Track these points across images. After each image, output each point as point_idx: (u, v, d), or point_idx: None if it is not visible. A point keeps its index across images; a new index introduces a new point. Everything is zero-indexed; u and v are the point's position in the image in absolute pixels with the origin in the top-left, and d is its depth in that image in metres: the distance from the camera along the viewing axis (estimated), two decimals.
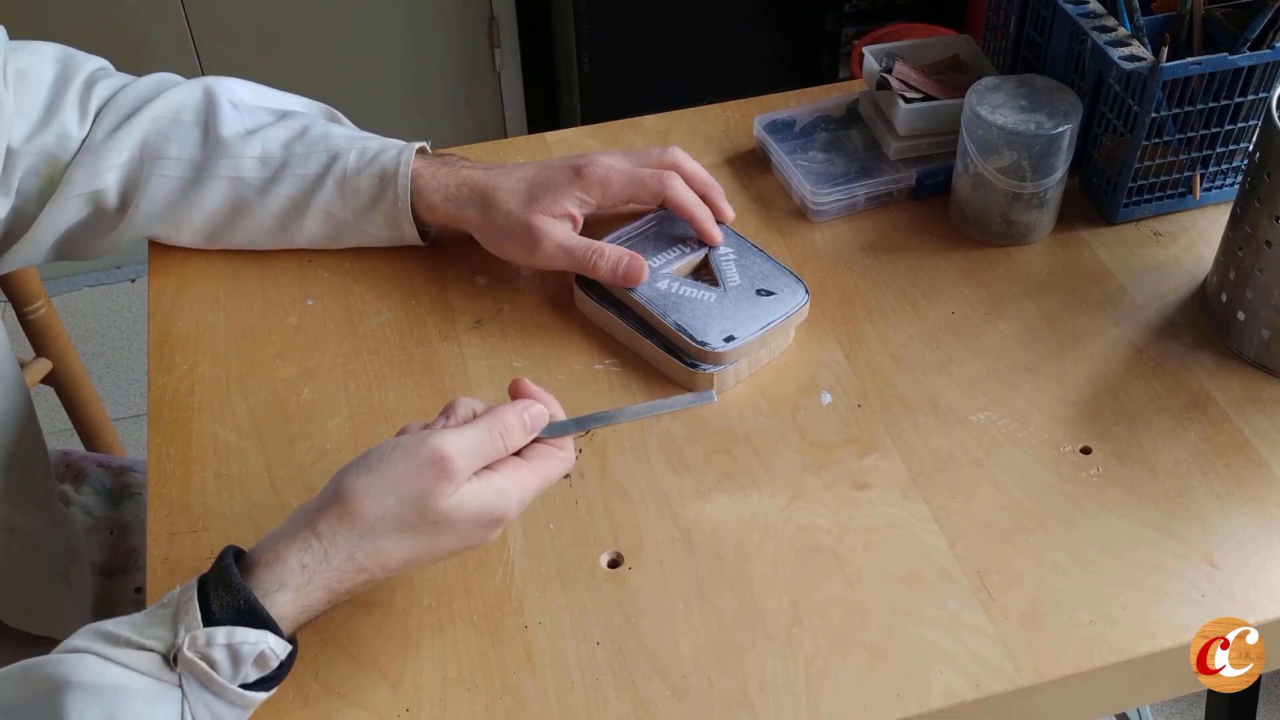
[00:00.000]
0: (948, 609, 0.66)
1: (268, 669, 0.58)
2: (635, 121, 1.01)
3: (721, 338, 0.77)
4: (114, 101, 0.83)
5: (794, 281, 0.82)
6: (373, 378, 0.80)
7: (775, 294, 0.81)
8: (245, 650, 0.57)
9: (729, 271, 0.83)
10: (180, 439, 0.77)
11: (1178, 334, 0.82)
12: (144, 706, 0.55)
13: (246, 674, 0.57)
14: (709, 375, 0.77)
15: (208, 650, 0.56)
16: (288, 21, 1.95)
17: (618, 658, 0.65)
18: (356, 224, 0.84)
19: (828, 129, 0.96)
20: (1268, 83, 0.84)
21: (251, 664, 0.57)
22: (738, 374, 0.79)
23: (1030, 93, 0.85)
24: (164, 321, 0.85)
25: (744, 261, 0.83)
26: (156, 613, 0.58)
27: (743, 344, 0.77)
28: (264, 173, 0.82)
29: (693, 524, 0.71)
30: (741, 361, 0.78)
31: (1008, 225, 0.88)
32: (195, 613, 0.57)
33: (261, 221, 0.84)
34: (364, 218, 0.83)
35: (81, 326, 2.07)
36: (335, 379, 0.80)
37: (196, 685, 0.56)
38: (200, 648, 0.56)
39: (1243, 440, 0.75)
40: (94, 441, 1.30)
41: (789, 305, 0.80)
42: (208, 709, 0.57)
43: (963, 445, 0.75)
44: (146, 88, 0.84)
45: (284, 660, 0.59)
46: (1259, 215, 0.76)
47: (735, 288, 0.81)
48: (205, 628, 0.56)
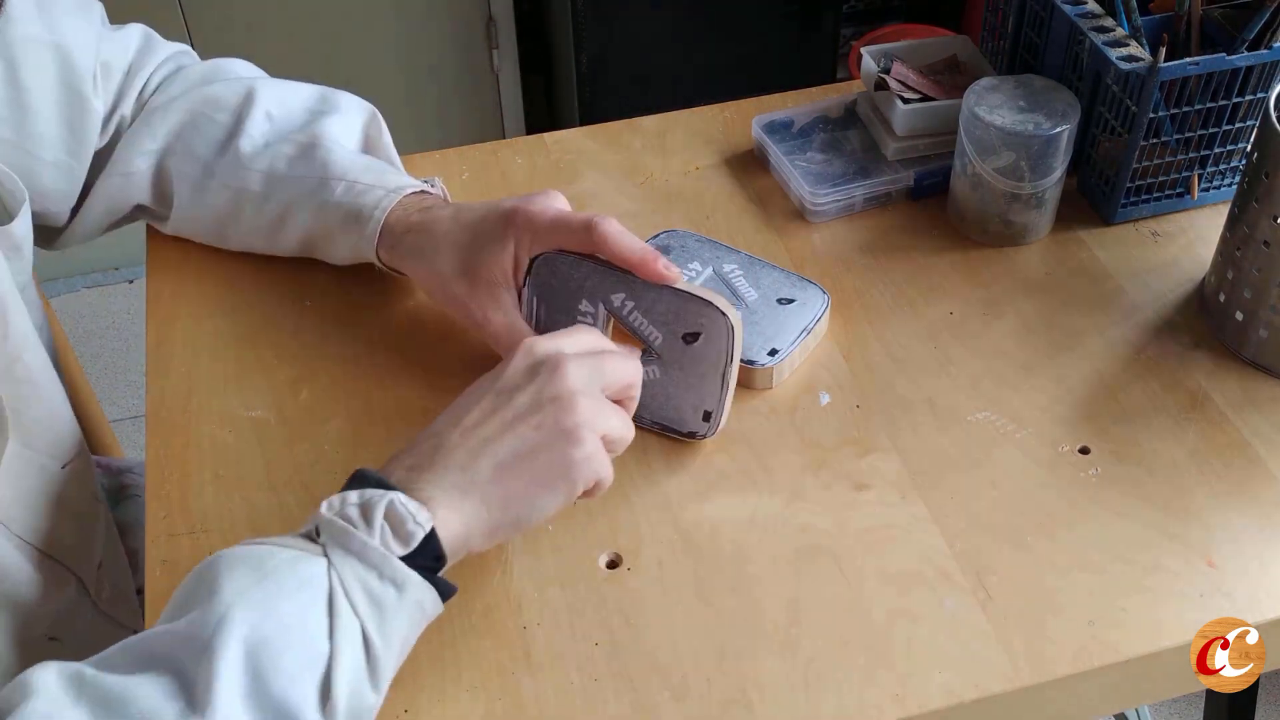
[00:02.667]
0: (947, 609, 0.66)
1: (410, 541, 0.57)
2: (633, 122, 1.01)
3: (766, 352, 0.78)
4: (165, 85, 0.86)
5: (808, 284, 0.83)
6: (371, 379, 0.80)
7: (796, 300, 0.81)
8: (375, 502, 0.57)
9: (743, 287, 0.82)
10: (178, 440, 0.77)
11: (1176, 334, 0.82)
12: (289, 563, 0.55)
13: (386, 537, 0.57)
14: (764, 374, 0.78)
15: (343, 509, 0.57)
16: (286, 22, 1.95)
17: (617, 658, 0.65)
18: (329, 251, 0.84)
19: (826, 130, 0.96)
20: (1266, 83, 0.84)
21: (387, 525, 0.57)
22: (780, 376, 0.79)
23: (1028, 93, 0.85)
24: (162, 323, 0.85)
25: (753, 274, 0.83)
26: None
27: (786, 355, 0.78)
28: (264, 188, 0.83)
29: (691, 524, 0.71)
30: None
31: (1006, 225, 0.88)
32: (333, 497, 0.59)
33: (255, 225, 0.84)
34: (335, 245, 0.82)
35: (79, 328, 2.07)
36: (333, 380, 0.80)
37: (340, 551, 0.56)
38: (336, 510, 0.57)
39: (1241, 440, 0.75)
40: (92, 442, 1.30)
41: (816, 308, 0.81)
42: (356, 577, 0.56)
43: (961, 445, 0.75)
44: (201, 74, 0.87)
45: (429, 535, 0.58)
46: (1257, 215, 0.76)
47: (755, 301, 0.81)
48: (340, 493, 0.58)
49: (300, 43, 1.97)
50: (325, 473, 0.74)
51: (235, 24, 1.93)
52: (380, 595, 0.56)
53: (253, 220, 0.84)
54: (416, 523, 0.57)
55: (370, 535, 0.57)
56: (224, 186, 0.83)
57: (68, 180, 0.82)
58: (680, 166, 0.96)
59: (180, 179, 0.84)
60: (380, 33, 2.00)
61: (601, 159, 0.97)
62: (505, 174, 0.96)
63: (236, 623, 0.53)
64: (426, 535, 0.58)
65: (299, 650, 0.54)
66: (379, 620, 0.56)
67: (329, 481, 0.74)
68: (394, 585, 0.57)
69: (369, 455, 0.75)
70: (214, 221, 0.85)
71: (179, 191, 0.84)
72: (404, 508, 0.57)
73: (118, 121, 0.84)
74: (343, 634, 0.55)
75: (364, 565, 0.56)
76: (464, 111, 2.15)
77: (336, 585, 0.56)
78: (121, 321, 2.10)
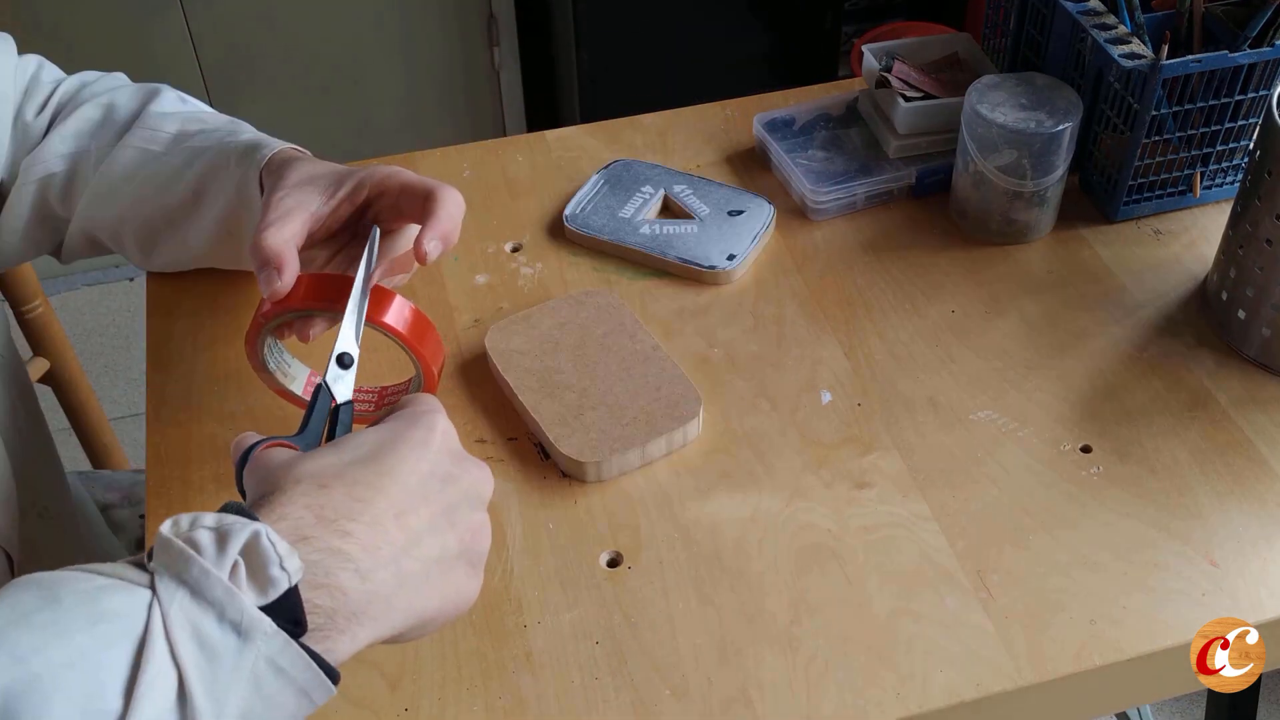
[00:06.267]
0: (948, 608, 0.66)
1: (269, 589, 0.43)
2: (634, 120, 1.01)
3: (725, 257, 0.86)
4: (75, 97, 0.83)
5: (754, 197, 0.91)
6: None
7: (745, 211, 0.90)
8: (234, 531, 0.44)
9: (695, 204, 0.90)
10: (178, 439, 0.76)
11: (1178, 332, 0.82)
12: (91, 592, 0.42)
13: (239, 574, 0.43)
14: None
15: (191, 531, 0.44)
16: (286, 21, 1.95)
17: (617, 657, 0.65)
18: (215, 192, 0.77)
19: (827, 127, 0.96)
20: (1268, 80, 0.84)
21: (243, 561, 0.44)
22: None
23: (1030, 91, 0.85)
24: (162, 321, 0.84)
25: (702, 192, 0.91)
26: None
27: (741, 259, 0.86)
28: (173, 141, 0.79)
29: (692, 523, 0.71)
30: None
31: (1008, 224, 0.88)
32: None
33: (155, 174, 0.79)
34: (225, 179, 0.77)
35: (79, 326, 2.07)
36: None
37: (171, 581, 0.43)
38: (184, 530, 0.44)
39: (1243, 439, 0.75)
40: (91, 441, 1.30)
41: (764, 216, 0.89)
42: (185, 615, 0.42)
43: (963, 444, 0.75)
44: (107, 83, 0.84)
45: (294, 588, 0.44)
46: (1259, 213, 0.76)
47: (707, 215, 0.89)
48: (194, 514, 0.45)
49: (301, 41, 1.97)
50: None
51: (235, 24, 1.92)
52: (215, 642, 0.42)
53: (154, 171, 0.79)
54: (282, 568, 0.44)
55: (217, 566, 0.43)
56: (131, 147, 0.80)
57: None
58: (681, 164, 0.96)
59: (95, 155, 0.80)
60: (381, 31, 2.00)
61: (603, 156, 0.97)
62: (506, 171, 0.96)
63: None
64: (288, 590, 0.44)
65: (76, 701, 0.40)
66: (208, 674, 0.42)
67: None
68: (236, 632, 0.43)
69: None
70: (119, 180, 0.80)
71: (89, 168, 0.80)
72: (270, 545, 0.44)
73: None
74: (148, 686, 0.41)
75: (199, 601, 0.43)
76: (465, 109, 2.15)
77: (155, 623, 0.42)
78: (122, 320, 2.09)
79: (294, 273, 0.65)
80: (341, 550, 0.47)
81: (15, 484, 0.77)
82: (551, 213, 0.92)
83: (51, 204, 0.81)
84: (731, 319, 0.83)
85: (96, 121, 0.81)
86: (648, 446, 0.73)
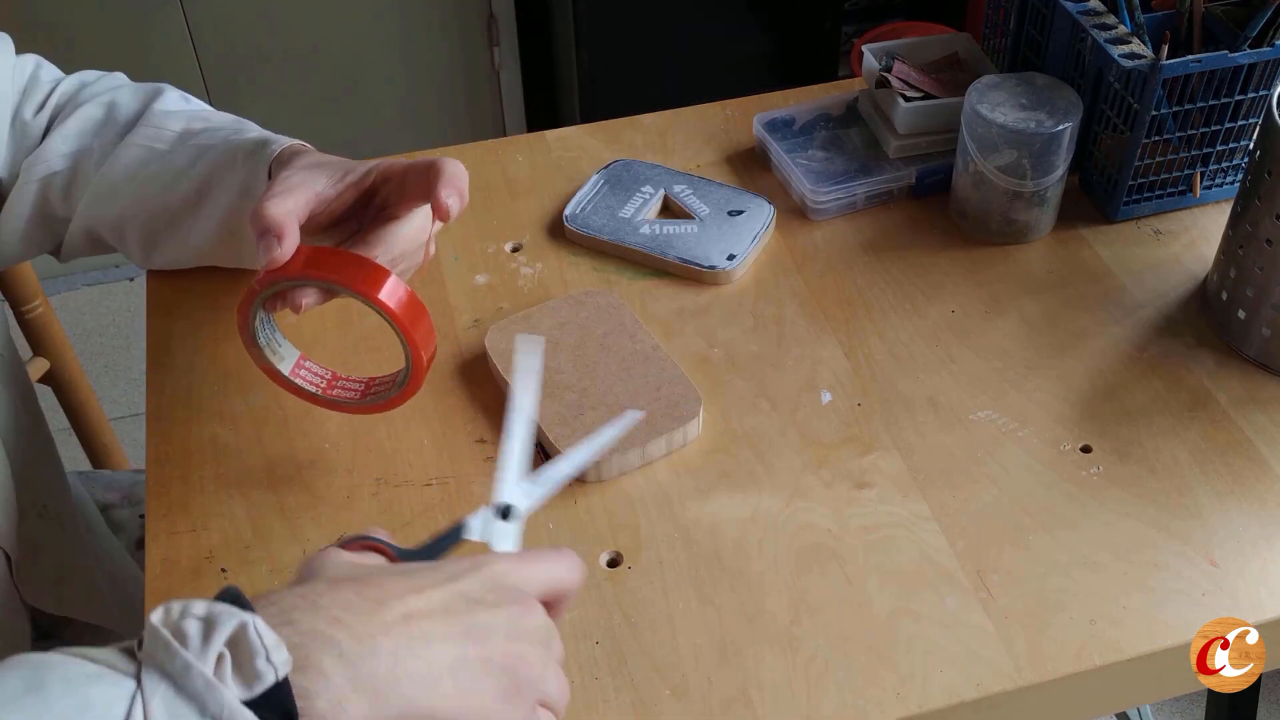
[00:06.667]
0: (948, 608, 0.66)
1: (255, 683, 0.43)
2: (634, 120, 1.01)
3: (725, 257, 0.86)
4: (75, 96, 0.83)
5: (754, 197, 0.90)
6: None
7: (745, 211, 0.89)
8: (221, 621, 0.43)
9: (694, 204, 0.90)
10: (178, 438, 0.76)
11: (1178, 332, 0.82)
12: (76, 680, 0.42)
13: (224, 667, 0.43)
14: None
15: (181, 621, 0.43)
16: (286, 21, 1.95)
17: (617, 657, 0.65)
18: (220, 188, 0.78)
19: (827, 127, 0.96)
20: (1268, 80, 0.84)
21: (229, 653, 0.43)
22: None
23: (1030, 91, 0.85)
24: (162, 320, 0.84)
25: (702, 192, 0.91)
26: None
27: (741, 259, 0.85)
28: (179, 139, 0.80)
29: (692, 523, 0.71)
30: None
31: (1008, 224, 0.88)
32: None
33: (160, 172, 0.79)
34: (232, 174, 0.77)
35: (79, 325, 2.07)
36: None
37: (155, 673, 0.42)
38: (174, 620, 0.43)
39: (1244, 439, 0.75)
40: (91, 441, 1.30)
41: (764, 216, 0.89)
42: (166, 709, 0.42)
43: (963, 444, 0.75)
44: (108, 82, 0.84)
45: (284, 680, 0.43)
46: (1259, 213, 0.76)
47: (707, 215, 0.89)
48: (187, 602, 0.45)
49: (301, 41, 1.97)
50: (324, 472, 0.74)
51: (235, 24, 1.92)
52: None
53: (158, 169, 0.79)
54: (269, 661, 0.43)
55: (201, 659, 0.42)
56: (136, 146, 0.80)
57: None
58: (681, 164, 0.96)
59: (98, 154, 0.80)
60: (381, 31, 2.00)
61: (603, 156, 0.97)
62: (506, 171, 0.96)
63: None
64: (277, 683, 0.43)
65: None
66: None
67: (329, 480, 0.74)
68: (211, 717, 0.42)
69: (369, 454, 0.75)
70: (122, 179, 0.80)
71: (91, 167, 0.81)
72: (258, 637, 0.43)
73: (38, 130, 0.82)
74: None
75: (181, 696, 0.42)
76: (465, 109, 2.15)
77: (136, 716, 0.41)
78: (122, 319, 2.09)
79: (294, 242, 0.66)
80: (327, 635, 0.45)
81: (15, 484, 0.77)
82: (551, 213, 0.92)
83: (52, 203, 0.81)
84: (731, 319, 0.83)
85: (99, 120, 0.81)
86: (648, 446, 0.73)
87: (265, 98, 2.01)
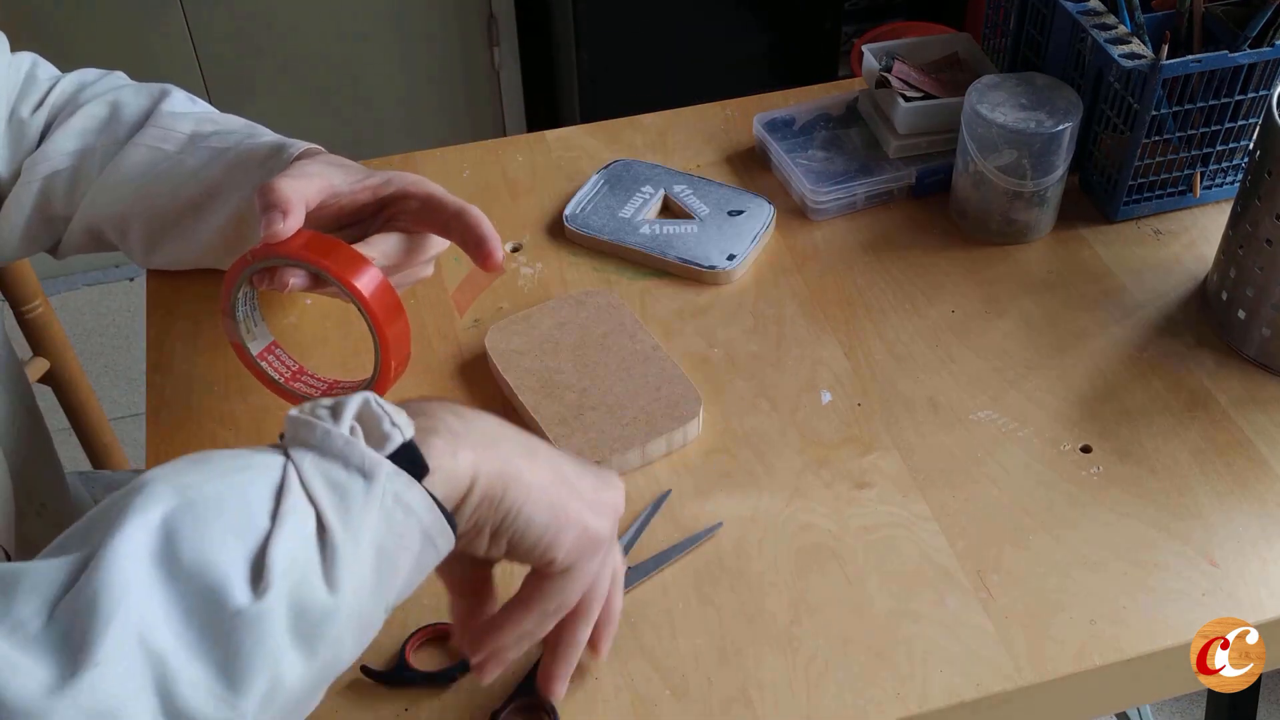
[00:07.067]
0: (948, 608, 0.66)
1: (384, 445, 0.49)
2: (634, 120, 1.01)
3: (725, 257, 0.86)
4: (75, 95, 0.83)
5: (754, 197, 0.91)
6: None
7: (745, 211, 0.89)
8: (347, 401, 0.50)
9: (694, 204, 0.90)
10: (179, 438, 0.76)
11: (1178, 332, 0.82)
12: (235, 454, 0.48)
13: (356, 433, 0.49)
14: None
15: (313, 410, 0.50)
16: (286, 21, 1.95)
17: (617, 657, 0.65)
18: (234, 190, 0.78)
19: (827, 127, 0.96)
20: (1268, 80, 0.84)
21: (359, 425, 0.49)
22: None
23: (1030, 91, 0.85)
24: (162, 320, 0.84)
25: (701, 192, 0.92)
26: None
27: (741, 259, 0.85)
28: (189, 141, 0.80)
29: (692, 523, 0.71)
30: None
31: (1008, 224, 0.88)
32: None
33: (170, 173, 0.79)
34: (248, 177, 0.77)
35: (79, 325, 2.07)
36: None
37: (300, 448, 0.48)
38: (306, 411, 0.50)
39: (1244, 439, 0.75)
40: (91, 441, 1.30)
41: (764, 216, 0.89)
42: (316, 468, 0.48)
43: (963, 444, 0.75)
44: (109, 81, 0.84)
45: (409, 441, 0.49)
46: (1259, 213, 0.76)
47: (707, 215, 0.89)
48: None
49: (301, 41, 1.97)
50: None
51: (235, 24, 1.92)
52: (345, 484, 0.48)
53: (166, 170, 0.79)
54: (394, 423, 0.50)
55: (336, 428, 0.49)
56: (143, 146, 0.80)
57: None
58: (681, 164, 0.96)
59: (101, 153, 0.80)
60: (381, 31, 2.00)
61: (603, 156, 0.97)
62: (506, 171, 0.96)
63: (158, 495, 0.45)
64: (405, 443, 0.49)
65: (229, 519, 0.46)
66: (342, 510, 0.48)
67: None
68: (361, 474, 0.48)
69: None
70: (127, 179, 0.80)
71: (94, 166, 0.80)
72: (379, 408, 0.50)
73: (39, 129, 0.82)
74: (289, 514, 0.47)
75: (325, 457, 0.48)
76: (465, 109, 2.15)
77: (291, 473, 0.48)
78: (122, 319, 2.09)
79: (297, 222, 0.67)
80: (442, 415, 0.53)
81: (14, 484, 0.77)
82: (551, 213, 0.92)
83: (54, 201, 0.81)
84: (731, 319, 0.83)
85: (103, 119, 0.81)
86: (648, 446, 0.73)
87: (265, 98, 2.01)
